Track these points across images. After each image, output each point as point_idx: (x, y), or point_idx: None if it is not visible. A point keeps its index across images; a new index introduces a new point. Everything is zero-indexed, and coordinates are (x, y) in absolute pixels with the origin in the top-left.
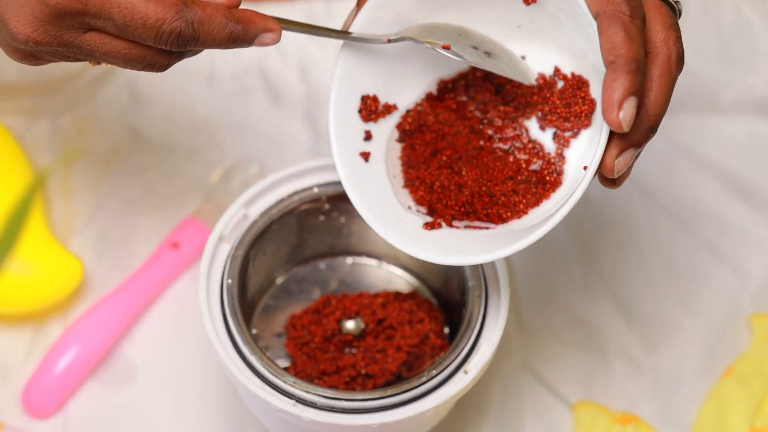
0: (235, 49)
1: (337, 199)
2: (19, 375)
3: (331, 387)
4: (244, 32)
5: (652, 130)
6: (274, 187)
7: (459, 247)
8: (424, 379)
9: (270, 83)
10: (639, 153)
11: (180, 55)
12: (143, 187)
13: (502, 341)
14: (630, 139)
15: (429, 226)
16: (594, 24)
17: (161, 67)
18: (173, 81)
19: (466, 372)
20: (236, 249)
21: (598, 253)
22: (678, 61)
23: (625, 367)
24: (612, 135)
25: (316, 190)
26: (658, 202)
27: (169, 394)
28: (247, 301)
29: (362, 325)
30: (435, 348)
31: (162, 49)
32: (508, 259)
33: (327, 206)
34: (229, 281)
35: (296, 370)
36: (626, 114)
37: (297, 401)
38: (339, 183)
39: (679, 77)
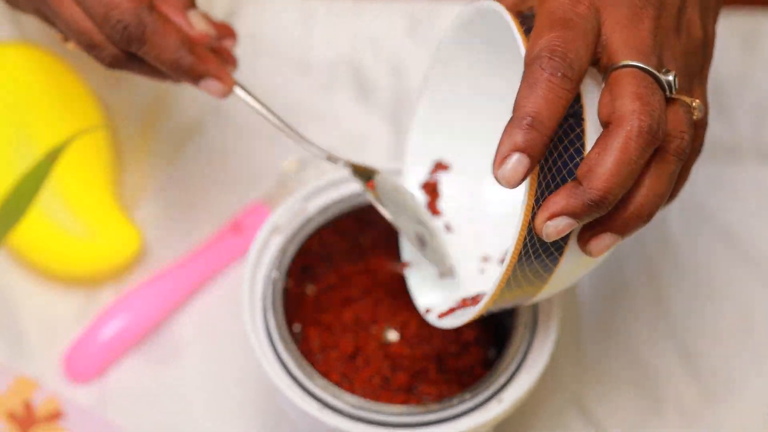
0: (329, 41)
1: None
2: (64, 337)
3: (363, 396)
4: (191, 67)
5: (597, 206)
6: (337, 184)
7: None
8: (455, 402)
9: (360, 79)
10: (597, 232)
11: (128, 59)
12: (217, 165)
13: (555, 372)
14: (565, 205)
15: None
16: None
17: (105, 59)
18: (266, 64)
19: (500, 401)
20: (288, 242)
21: (671, 295)
22: (641, 135)
23: (679, 417)
24: (548, 197)
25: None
26: (743, 252)
27: (210, 377)
28: (293, 296)
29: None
30: (477, 378)
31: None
32: (574, 291)
33: None
34: (275, 274)
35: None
36: (506, 169)
37: (323, 406)
38: None
39: None
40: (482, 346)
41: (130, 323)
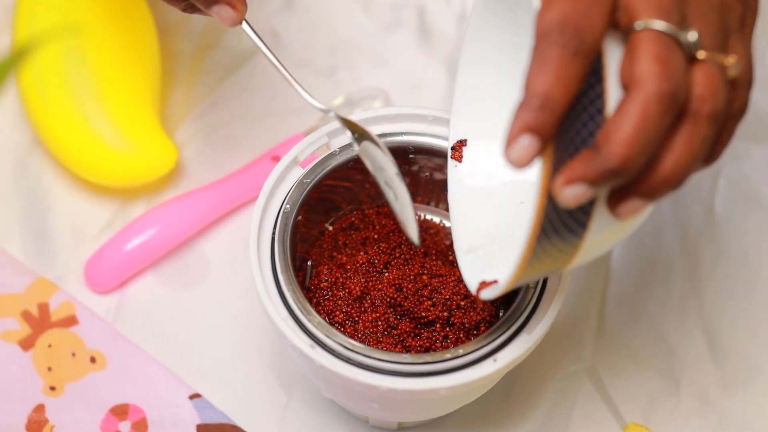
0: None
1: (423, 152)
2: (90, 246)
3: (364, 340)
4: None
5: (615, 173)
6: (365, 124)
7: None
8: (448, 356)
9: (425, 22)
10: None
11: None
12: (265, 95)
13: (573, 340)
14: (582, 171)
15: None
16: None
17: None
18: None
19: (495, 360)
20: (306, 176)
21: (706, 277)
22: (661, 99)
23: (695, 402)
24: (567, 163)
25: (403, 137)
26: None
27: (225, 304)
28: (310, 232)
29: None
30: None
31: None
32: (606, 260)
33: (412, 156)
34: (288, 206)
35: (341, 314)
36: (515, 150)
37: (315, 343)
38: (428, 135)
39: None
40: (492, 305)
41: (154, 238)
